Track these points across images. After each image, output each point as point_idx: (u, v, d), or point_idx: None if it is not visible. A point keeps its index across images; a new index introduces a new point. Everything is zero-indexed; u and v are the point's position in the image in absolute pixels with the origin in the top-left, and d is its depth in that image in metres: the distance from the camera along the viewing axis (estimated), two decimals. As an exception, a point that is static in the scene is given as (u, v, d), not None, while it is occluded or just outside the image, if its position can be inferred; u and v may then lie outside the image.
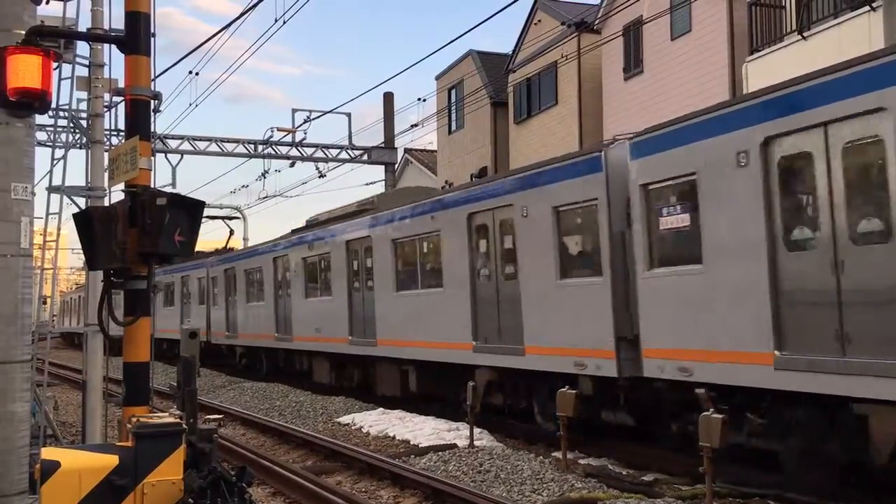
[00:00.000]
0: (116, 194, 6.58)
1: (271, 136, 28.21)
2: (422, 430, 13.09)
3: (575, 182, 10.91)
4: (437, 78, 32.70)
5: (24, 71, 4.83)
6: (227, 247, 28.60)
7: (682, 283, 9.14)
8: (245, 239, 40.48)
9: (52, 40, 6.12)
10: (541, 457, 10.67)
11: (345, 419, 15.00)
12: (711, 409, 8.04)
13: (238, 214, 36.35)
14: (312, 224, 20.80)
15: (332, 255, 18.37)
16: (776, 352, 7.99)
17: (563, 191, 11.16)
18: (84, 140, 11.63)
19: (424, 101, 35.15)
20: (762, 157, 8.13)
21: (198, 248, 6.86)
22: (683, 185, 9.17)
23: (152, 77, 5.90)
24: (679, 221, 9.26)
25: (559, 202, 11.22)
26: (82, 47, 10.61)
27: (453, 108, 31.55)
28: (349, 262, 17.65)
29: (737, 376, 8.46)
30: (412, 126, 27.89)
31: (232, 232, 29.90)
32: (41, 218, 9.32)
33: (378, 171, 31.12)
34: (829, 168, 7.58)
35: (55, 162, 9.88)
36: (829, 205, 7.56)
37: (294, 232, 21.80)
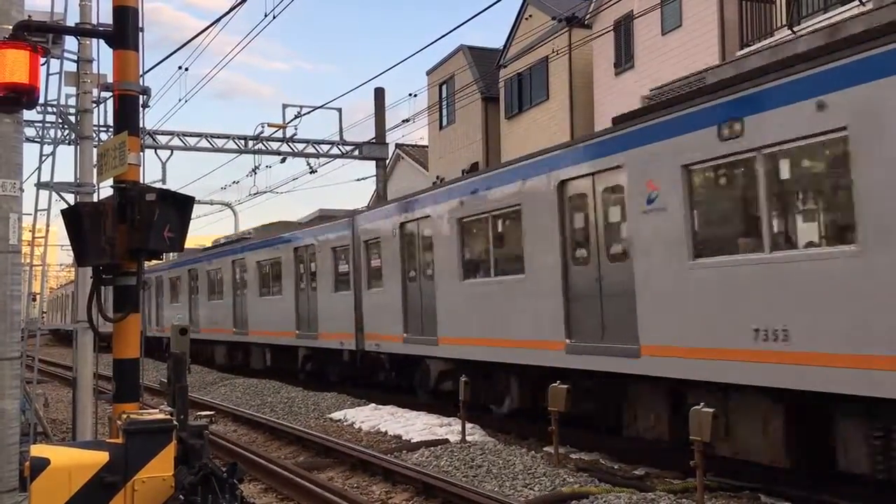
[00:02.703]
0: (105, 190, 6.56)
1: (262, 132, 28.10)
2: (414, 425, 13.10)
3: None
4: (429, 73, 32.67)
5: (12, 66, 4.80)
6: None
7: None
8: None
9: (39, 35, 6.08)
10: (532, 451, 10.69)
11: (337, 415, 14.99)
12: (702, 404, 8.06)
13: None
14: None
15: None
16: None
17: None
18: (73, 136, 11.57)
19: (416, 96, 34.94)
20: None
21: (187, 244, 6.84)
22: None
23: (141, 72, 5.86)
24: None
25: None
26: (70, 42, 10.53)
27: (444, 103, 31.53)
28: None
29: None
30: (403, 121, 27.92)
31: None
32: (30, 214, 9.25)
33: (369, 167, 31.06)
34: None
35: (44, 158, 9.81)
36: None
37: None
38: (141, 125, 5.83)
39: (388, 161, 32.63)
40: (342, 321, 17.94)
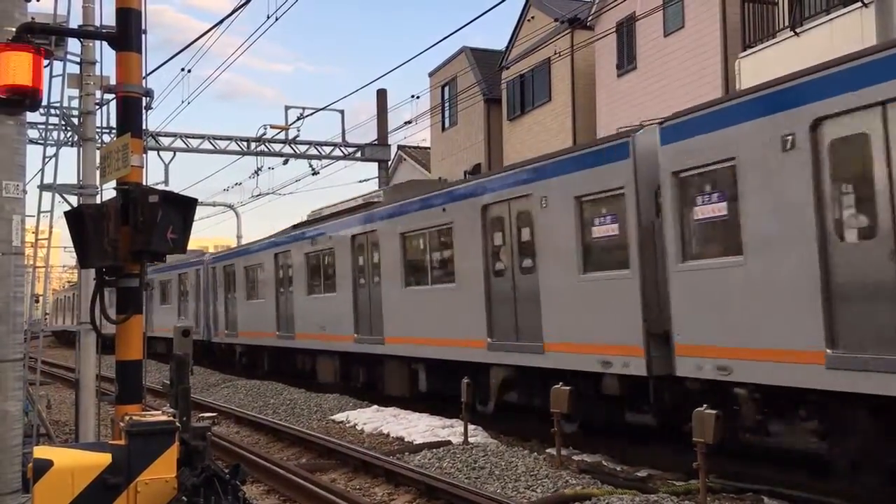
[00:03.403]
0: (108, 192, 6.57)
1: (264, 134, 28.16)
2: (416, 427, 13.09)
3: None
4: (431, 75, 32.68)
5: (15, 68, 4.81)
6: None
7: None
8: (238, 237, 40.47)
9: (43, 37, 6.10)
10: (535, 453, 10.69)
11: (339, 417, 14.99)
12: (705, 406, 8.06)
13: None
14: None
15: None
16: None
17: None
18: (76, 138, 11.59)
19: (418, 98, 34.96)
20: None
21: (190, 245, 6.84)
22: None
23: (144, 74, 5.87)
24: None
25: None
26: (73, 44, 10.58)
27: (447, 105, 31.54)
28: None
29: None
30: (406, 123, 27.95)
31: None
32: (33, 216, 9.29)
33: (372, 169, 31.14)
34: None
35: (47, 160, 9.87)
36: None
37: None
38: (144, 127, 5.84)
39: (390, 163, 32.67)
40: None
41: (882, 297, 6.99)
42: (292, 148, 28.62)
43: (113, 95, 5.99)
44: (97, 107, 11.34)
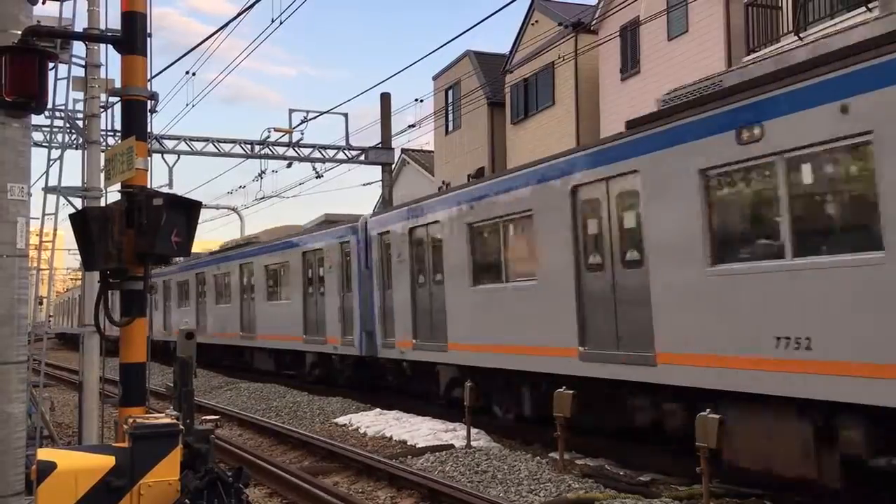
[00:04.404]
0: (113, 195, 6.58)
1: (268, 137, 28.16)
2: (419, 430, 13.09)
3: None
4: (435, 78, 32.71)
5: (21, 71, 4.82)
6: None
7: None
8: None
9: (48, 41, 6.12)
10: (538, 457, 10.68)
11: (342, 420, 14.99)
12: (708, 410, 8.06)
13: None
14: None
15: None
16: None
17: None
18: (80, 140, 11.62)
19: (422, 101, 35.10)
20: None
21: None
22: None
23: (149, 77, 5.89)
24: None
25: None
26: (78, 48, 10.59)
27: (450, 108, 31.56)
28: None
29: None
30: (409, 126, 27.98)
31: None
32: (37, 218, 9.32)
33: (375, 172, 31.07)
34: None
35: (51, 162, 9.88)
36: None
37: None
38: (148, 130, 5.86)
39: (393, 166, 32.66)
40: None
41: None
42: (296, 151, 28.62)
43: (118, 98, 6.00)
44: (102, 110, 11.35)
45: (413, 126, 31.60)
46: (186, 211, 5.58)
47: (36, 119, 5.73)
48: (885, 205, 6.89)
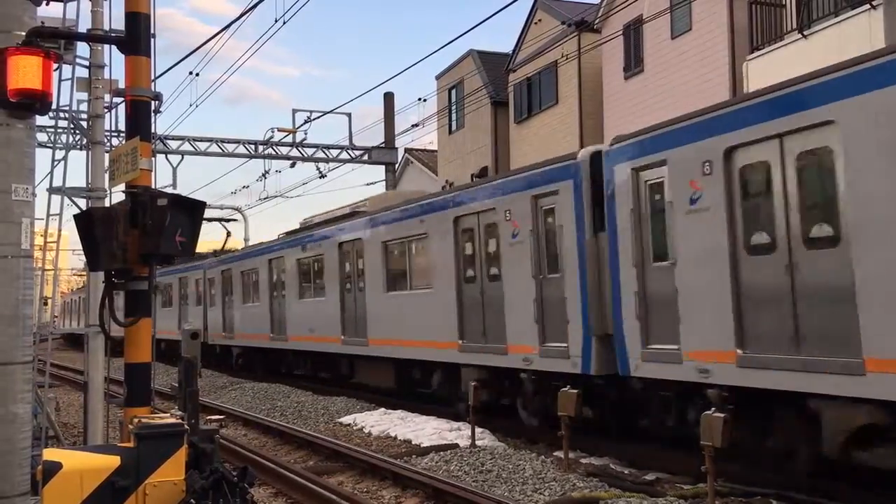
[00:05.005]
0: (117, 195, 6.59)
1: (272, 137, 28.22)
2: (423, 430, 13.09)
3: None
4: (438, 78, 32.69)
5: (25, 72, 4.83)
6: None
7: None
8: (246, 239, 40.51)
9: (52, 41, 6.12)
10: (542, 456, 10.67)
11: (346, 419, 15.00)
12: (714, 409, 8.04)
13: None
14: None
15: None
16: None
17: None
18: (84, 141, 11.64)
19: (425, 100, 35.15)
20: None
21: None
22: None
23: (152, 78, 5.89)
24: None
25: None
26: (82, 48, 10.62)
27: (454, 107, 31.55)
28: None
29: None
30: (413, 126, 27.96)
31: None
32: (42, 219, 9.32)
33: (378, 171, 31.16)
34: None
35: (56, 163, 9.88)
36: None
37: None
38: (152, 130, 5.87)
39: (397, 165, 32.69)
40: None
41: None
42: (299, 151, 28.68)
43: (122, 99, 6.01)
44: (106, 110, 11.38)
45: (416, 125, 31.70)
46: (190, 211, 5.59)
47: (40, 120, 5.75)
48: None
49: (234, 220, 32.43)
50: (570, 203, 10.99)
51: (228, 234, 28.51)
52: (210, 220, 29.47)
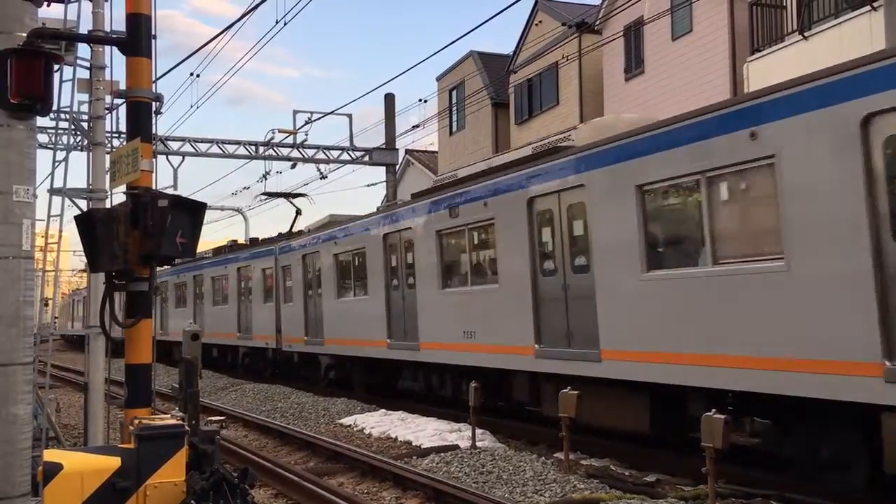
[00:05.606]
0: (118, 196, 6.59)
1: (272, 138, 28.21)
2: (424, 431, 13.09)
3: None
4: (438, 79, 32.72)
5: (26, 73, 4.83)
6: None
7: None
8: (248, 240, 40.51)
9: (53, 43, 6.12)
10: (543, 458, 10.67)
11: (347, 420, 15.00)
12: (714, 411, 8.03)
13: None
14: None
15: None
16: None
17: None
18: (85, 142, 11.64)
19: (426, 102, 35.24)
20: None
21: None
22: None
23: (153, 79, 5.89)
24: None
25: None
26: (83, 49, 10.64)
27: (454, 108, 31.57)
28: None
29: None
30: (413, 127, 27.96)
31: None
32: (42, 220, 9.31)
33: (379, 172, 31.12)
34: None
35: (56, 164, 9.87)
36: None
37: None
38: (153, 131, 5.86)
39: (398, 166, 32.68)
40: None
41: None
42: (300, 152, 28.67)
43: (123, 100, 6.01)
44: (107, 111, 11.38)
45: (417, 126, 31.56)
46: (191, 212, 5.59)
47: (41, 121, 5.76)
48: None
49: (304, 195, 25.27)
50: None
51: (298, 211, 23.93)
52: (278, 195, 25.56)
